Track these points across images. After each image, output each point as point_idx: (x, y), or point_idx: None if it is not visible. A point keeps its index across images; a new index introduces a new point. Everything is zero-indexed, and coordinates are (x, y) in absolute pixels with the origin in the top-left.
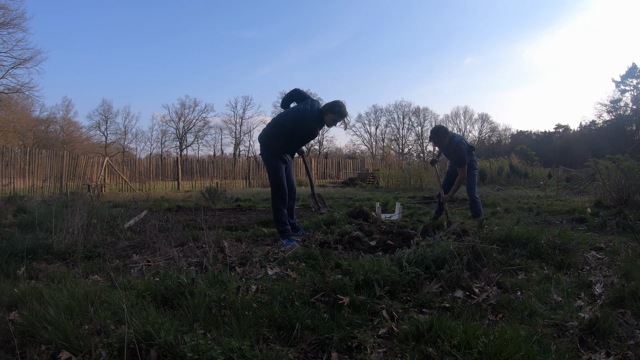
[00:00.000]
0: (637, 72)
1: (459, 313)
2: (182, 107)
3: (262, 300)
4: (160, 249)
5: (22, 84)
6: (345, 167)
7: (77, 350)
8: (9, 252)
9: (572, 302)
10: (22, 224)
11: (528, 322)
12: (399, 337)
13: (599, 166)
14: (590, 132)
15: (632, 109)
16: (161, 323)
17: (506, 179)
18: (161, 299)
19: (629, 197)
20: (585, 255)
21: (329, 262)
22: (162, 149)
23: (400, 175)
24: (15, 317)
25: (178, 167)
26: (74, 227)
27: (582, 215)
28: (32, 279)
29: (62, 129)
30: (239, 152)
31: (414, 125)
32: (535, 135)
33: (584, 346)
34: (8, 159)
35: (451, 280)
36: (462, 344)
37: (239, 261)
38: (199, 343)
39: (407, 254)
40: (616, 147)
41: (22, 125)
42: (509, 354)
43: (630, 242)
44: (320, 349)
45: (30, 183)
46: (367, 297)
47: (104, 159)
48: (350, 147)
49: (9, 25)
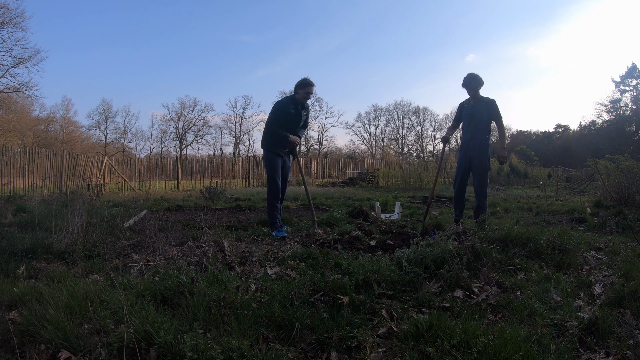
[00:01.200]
0: (636, 72)
1: (459, 313)
2: (181, 106)
3: (262, 300)
4: (160, 248)
5: (21, 83)
6: (345, 166)
7: (76, 349)
8: (9, 252)
9: (572, 302)
10: (22, 224)
11: (527, 322)
12: (398, 337)
13: (598, 166)
14: (590, 132)
15: (631, 109)
16: (161, 322)
17: (506, 179)
18: (161, 299)
19: (629, 197)
20: (585, 255)
21: (329, 262)
22: (162, 148)
23: (400, 175)
24: (14, 317)
25: (178, 167)
26: (73, 227)
27: (581, 215)
28: (31, 278)
29: (61, 128)
30: (239, 152)
31: (413, 125)
32: (535, 135)
33: (583, 346)
34: (8, 158)
35: (451, 280)
36: (461, 343)
37: (238, 261)
38: (199, 342)
39: (407, 254)
40: (616, 147)
41: (22, 125)
42: (508, 354)
43: (630, 242)
44: (319, 348)
45: (29, 182)
46: (366, 297)
47: (104, 158)
48: (350, 147)
49: (9, 25)
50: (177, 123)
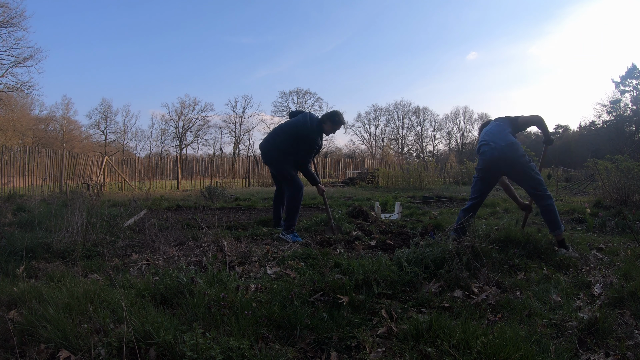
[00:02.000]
0: (636, 72)
1: (458, 313)
2: (181, 106)
3: (262, 300)
4: (160, 248)
5: (21, 82)
6: (344, 166)
7: (76, 349)
8: (9, 251)
9: (571, 302)
10: (22, 223)
11: (527, 322)
12: (398, 337)
13: (598, 166)
14: (590, 132)
15: (631, 110)
16: (160, 322)
17: None
18: (160, 298)
19: (629, 198)
20: (585, 255)
21: (328, 262)
22: (162, 148)
23: (399, 175)
24: (14, 316)
25: (177, 166)
26: (73, 226)
27: (581, 215)
28: (31, 277)
29: (61, 127)
30: (239, 151)
31: (413, 125)
32: (534, 136)
33: (582, 346)
34: (7, 157)
35: (450, 280)
36: (461, 343)
37: (238, 260)
38: (198, 342)
39: (407, 254)
40: (616, 148)
41: (22, 124)
42: (508, 354)
43: (630, 242)
44: (319, 348)
45: (29, 182)
46: (366, 297)
47: (104, 157)
48: (349, 147)
49: (9, 24)
50: (177, 122)
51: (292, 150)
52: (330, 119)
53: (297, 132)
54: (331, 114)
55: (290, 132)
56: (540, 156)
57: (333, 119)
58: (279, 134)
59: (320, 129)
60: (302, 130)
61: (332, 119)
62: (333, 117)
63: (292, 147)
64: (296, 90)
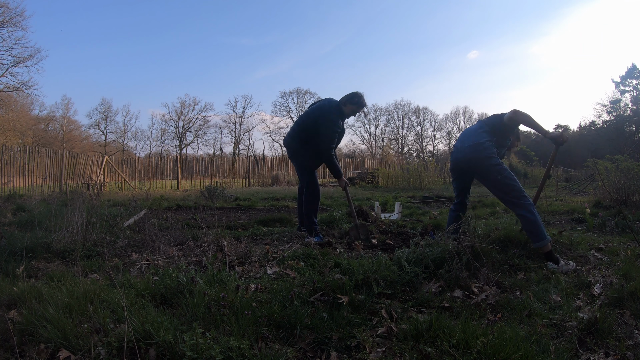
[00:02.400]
0: (636, 72)
1: (458, 313)
2: (181, 105)
3: (262, 300)
4: (160, 247)
5: (21, 82)
6: (344, 166)
7: (76, 349)
8: (8, 251)
9: (571, 302)
10: (22, 223)
11: (527, 322)
12: (398, 337)
13: (598, 166)
14: (590, 132)
15: (631, 110)
16: (160, 322)
17: None
18: (160, 298)
19: (628, 198)
20: (585, 255)
21: (328, 262)
22: (162, 147)
23: (399, 174)
24: (14, 316)
25: (177, 166)
26: (73, 226)
27: (581, 215)
28: (31, 277)
29: (61, 127)
30: (239, 151)
31: (413, 125)
32: (534, 136)
33: (582, 346)
34: (7, 157)
35: (450, 280)
36: (461, 343)
37: (238, 260)
38: (198, 342)
39: (407, 254)
40: (615, 148)
41: (22, 124)
42: (507, 354)
43: (630, 242)
44: (319, 348)
45: (29, 182)
46: (366, 297)
47: (104, 157)
48: (349, 147)
49: (9, 24)
50: (177, 122)
51: (312, 140)
52: (350, 101)
53: (316, 116)
54: (351, 95)
55: (311, 116)
56: (549, 157)
57: (353, 100)
58: (299, 123)
59: (340, 111)
60: (322, 113)
61: (352, 100)
62: (352, 98)
63: (312, 136)
64: (296, 90)
